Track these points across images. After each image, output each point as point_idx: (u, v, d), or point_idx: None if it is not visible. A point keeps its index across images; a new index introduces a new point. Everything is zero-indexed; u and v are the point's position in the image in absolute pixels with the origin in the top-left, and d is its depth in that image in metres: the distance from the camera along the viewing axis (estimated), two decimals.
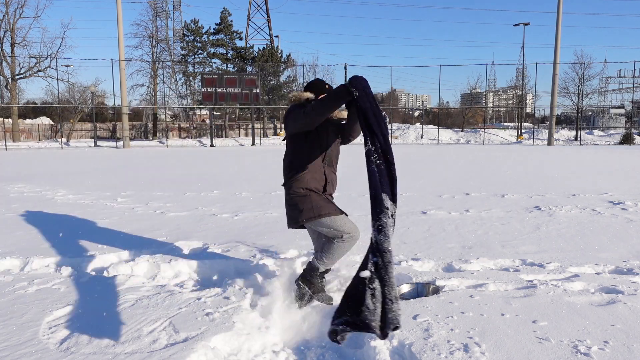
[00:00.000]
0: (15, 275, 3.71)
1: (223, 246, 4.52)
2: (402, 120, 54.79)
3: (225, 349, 2.51)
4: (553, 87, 32.21)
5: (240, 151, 24.79)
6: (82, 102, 40.69)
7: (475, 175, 11.11)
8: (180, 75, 43.74)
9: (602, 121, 44.60)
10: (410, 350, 2.38)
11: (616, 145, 31.51)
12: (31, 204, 7.31)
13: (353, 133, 3.03)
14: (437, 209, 6.56)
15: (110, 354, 2.39)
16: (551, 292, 3.18)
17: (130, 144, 31.21)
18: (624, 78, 44.79)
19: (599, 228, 5.28)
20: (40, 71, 35.60)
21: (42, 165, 15.65)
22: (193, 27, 43.37)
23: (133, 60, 38.53)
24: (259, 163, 15.80)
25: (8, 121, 36.45)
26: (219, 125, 43.62)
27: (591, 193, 7.99)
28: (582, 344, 2.43)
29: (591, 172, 11.92)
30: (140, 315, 2.89)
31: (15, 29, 34.95)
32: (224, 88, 30.70)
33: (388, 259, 2.10)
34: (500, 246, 4.51)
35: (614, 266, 3.82)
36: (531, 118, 54.94)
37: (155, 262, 3.97)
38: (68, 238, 4.92)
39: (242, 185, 9.48)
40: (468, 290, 3.26)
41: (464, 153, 21.56)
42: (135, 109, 44.74)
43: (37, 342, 2.52)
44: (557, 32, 31.16)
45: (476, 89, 54.71)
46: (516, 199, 7.45)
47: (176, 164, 15.46)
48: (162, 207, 6.90)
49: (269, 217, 6.05)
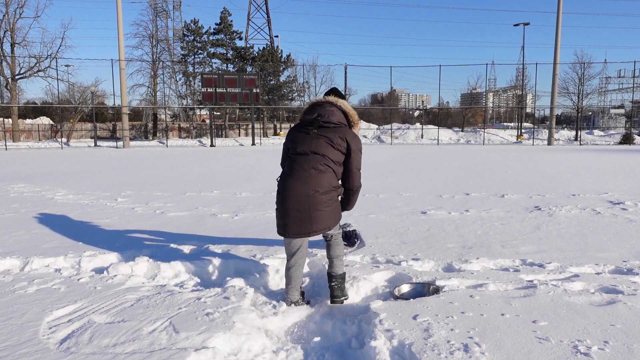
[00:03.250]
0: (15, 275, 3.71)
1: (223, 246, 4.52)
2: (402, 120, 54.80)
3: (225, 349, 2.51)
4: (553, 87, 32.23)
5: (240, 151, 24.79)
6: (82, 102, 40.70)
7: (475, 175, 11.11)
8: (180, 75, 43.78)
9: (602, 121, 44.64)
10: (410, 350, 2.38)
11: (616, 145, 31.51)
12: (31, 204, 7.31)
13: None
14: (437, 209, 6.56)
15: (110, 354, 2.39)
16: (551, 292, 3.18)
17: (130, 144, 31.23)
18: (624, 78, 44.84)
19: (599, 228, 5.28)
20: (40, 71, 35.65)
21: (42, 165, 15.65)
22: (193, 27, 43.37)
23: (133, 60, 38.59)
24: (259, 163, 15.80)
25: (8, 121, 36.47)
26: (219, 125, 43.63)
27: (591, 193, 7.99)
28: (582, 344, 2.43)
29: (591, 172, 11.92)
30: (140, 315, 2.89)
31: (15, 29, 35.00)
32: (224, 88, 30.72)
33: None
34: (500, 246, 4.51)
35: (614, 266, 3.82)
36: (531, 118, 54.98)
37: (155, 262, 3.97)
38: (68, 238, 4.92)
39: (242, 185, 9.48)
40: (468, 290, 3.26)
41: (464, 153, 21.56)
42: (135, 109, 44.76)
43: (37, 342, 2.52)
44: (557, 32, 31.17)
45: (476, 89, 54.72)
46: (516, 199, 7.45)
47: (176, 164, 15.46)
48: (162, 207, 6.90)
49: (269, 217, 6.05)
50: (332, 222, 3.10)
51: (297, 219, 3.00)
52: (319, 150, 3.00)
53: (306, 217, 2.99)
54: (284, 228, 3.08)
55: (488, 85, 48.55)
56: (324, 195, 3.01)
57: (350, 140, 3.05)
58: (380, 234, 5.08)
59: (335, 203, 3.12)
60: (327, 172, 3.02)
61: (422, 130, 38.95)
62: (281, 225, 3.10)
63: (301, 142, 3.05)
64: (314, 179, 2.98)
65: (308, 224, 3.00)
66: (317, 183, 2.99)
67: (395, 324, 2.69)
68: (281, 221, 3.09)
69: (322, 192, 3.00)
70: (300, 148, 3.04)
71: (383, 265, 3.90)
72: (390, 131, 38.31)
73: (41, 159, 18.70)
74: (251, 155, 20.34)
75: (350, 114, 3.14)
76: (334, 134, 3.02)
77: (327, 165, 3.01)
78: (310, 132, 3.04)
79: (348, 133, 3.07)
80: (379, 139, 37.15)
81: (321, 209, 3.00)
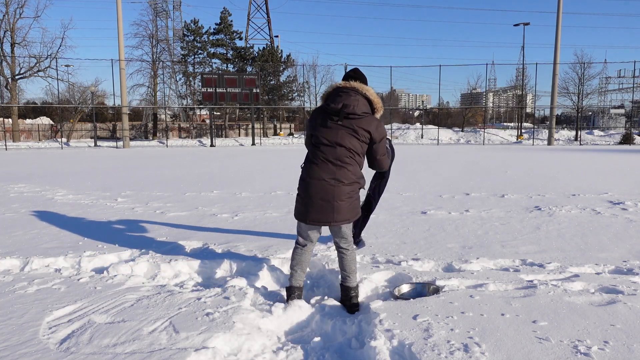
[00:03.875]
0: (15, 275, 3.71)
1: (223, 246, 4.52)
2: (402, 120, 54.80)
3: (225, 349, 2.51)
4: (553, 87, 32.23)
5: (240, 151, 24.79)
6: (82, 102, 40.71)
7: (475, 175, 11.11)
8: (180, 75, 43.78)
9: (602, 121, 44.62)
10: (410, 350, 2.38)
11: (616, 145, 31.51)
12: (31, 204, 7.31)
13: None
14: (437, 209, 6.56)
15: (110, 354, 2.39)
16: (551, 292, 3.18)
17: (130, 144, 31.23)
18: (624, 78, 44.81)
19: (599, 228, 5.28)
20: (40, 71, 35.65)
21: (42, 165, 15.65)
22: (193, 27, 43.38)
23: (133, 60, 38.59)
24: (259, 163, 15.80)
25: (8, 121, 36.47)
26: (219, 125, 43.64)
27: (591, 193, 7.99)
28: (582, 344, 2.43)
29: (591, 172, 11.92)
30: (140, 315, 2.89)
31: (15, 29, 35.01)
32: (224, 88, 30.73)
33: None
34: (500, 246, 4.51)
35: (614, 266, 3.82)
36: (531, 118, 54.97)
37: (155, 262, 3.97)
38: (68, 238, 4.92)
39: (242, 185, 9.48)
40: (468, 290, 3.26)
41: (464, 153, 21.56)
42: (135, 109, 44.76)
43: (37, 342, 2.52)
44: (557, 32, 31.17)
45: (476, 89, 54.69)
46: (516, 199, 7.45)
47: (176, 164, 15.46)
48: (162, 207, 6.90)
49: (269, 217, 6.05)
50: (352, 215, 3.13)
51: (320, 207, 3.03)
52: (345, 143, 3.02)
53: (329, 206, 3.02)
54: (305, 214, 3.10)
55: (488, 85, 48.54)
56: (348, 187, 3.05)
57: (374, 131, 3.06)
58: (380, 234, 5.08)
59: (356, 195, 3.16)
60: (353, 164, 3.06)
61: (422, 130, 38.96)
62: (302, 212, 3.11)
63: (326, 133, 3.04)
64: (340, 170, 3.02)
65: (330, 213, 3.03)
66: (342, 174, 3.02)
67: (395, 324, 2.69)
68: (303, 207, 3.10)
69: (347, 183, 3.04)
70: (326, 139, 3.04)
71: (383, 265, 3.90)
72: (390, 131, 38.31)
73: (41, 159, 18.70)
74: (251, 155, 20.34)
75: (374, 102, 3.12)
76: (358, 126, 3.02)
77: (352, 157, 3.05)
78: (335, 123, 3.03)
79: (372, 123, 3.06)
80: None
81: (344, 199, 3.04)
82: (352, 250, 3.23)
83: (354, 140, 3.03)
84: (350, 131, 3.02)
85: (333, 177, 3.01)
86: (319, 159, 3.04)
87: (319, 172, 3.03)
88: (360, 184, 3.15)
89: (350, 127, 3.01)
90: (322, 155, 3.04)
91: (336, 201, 3.02)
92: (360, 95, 3.07)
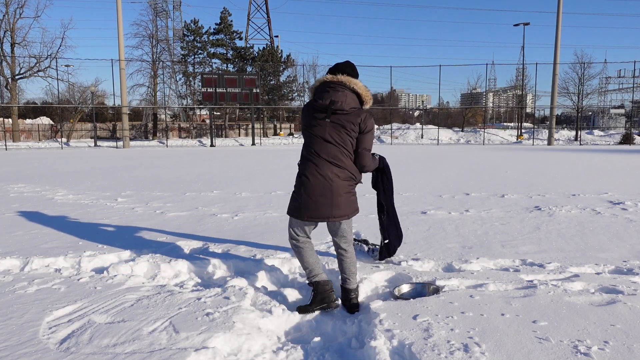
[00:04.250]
0: (15, 275, 3.71)
1: (223, 246, 4.52)
2: (402, 120, 54.80)
3: (225, 349, 2.51)
4: (553, 87, 32.22)
5: (240, 151, 24.79)
6: (82, 102, 40.71)
7: (475, 175, 11.11)
8: (180, 75, 43.79)
9: (602, 121, 44.63)
10: (410, 350, 2.38)
11: (616, 145, 31.51)
12: (31, 204, 7.31)
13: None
14: (437, 209, 6.56)
15: (110, 354, 2.39)
16: (551, 292, 3.18)
17: (130, 144, 31.22)
18: (624, 78, 44.80)
19: (599, 228, 5.28)
20: (40, 71, 35.64)
21: (42, 165, 15.64)
22: (193, 27, 43.38)
23: (133, 60, 38.57)
24: (259, 163, 15.80)
25: (8, 121, 36.46)
26: (219, 125, 43.64)
27: (591, 193, 7.99)
28: (582, 344, 2.43)
29: (591, 172, 11.92)
30: (140, 315, 2.89)
31: (15, 29, 35.00)
32: (224, 88, 30.72)
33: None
34: (500, 246, 4.51)
35: (614, 266, 3.82)
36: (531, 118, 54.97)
37: (155, 262, 3.97)
38: (68, 238, 4.92)
39: (242, 185, 9.48)
40: (468, 290, 3.26)
41: (464, 153, 21.56)
42: (135, 109, 44.76)
43: (37, 342, 2.52)
44: (557, 32, 31.16)
45: (476, 89, 54.69)
46: (516, 199, 7.45)
47: (176, 164, 15.46)
48: (162, 207, 6.90)
49: (269, 217, 6.05)
50: (350, 211, 3.11)
51: (318, 204, 3.02)
52: (336, 140, 3.01)
53: (328, 202, 3.01)
54: (302, 211, 3.07)
55: (488, 85, 48.54)
56: (345, 182, 3.05)
57: (363, 124, 3.02)
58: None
59: (353, 191, 3.15)
60: (346, 159, 3.05)
61: (422, 130, 38.95)
62: (298, 208, 3.09)
63: (317, 130, 3.03)
64: (334, 166, 3.02)
65: (329, 209, 3.02)
66: (337, 170, 3.02)
67: (395, 324, 2.69)
68: (299, 204, 3.08)
69: (343, 177, 3.04)
70: (317, 136, 3.03)
71: (383, 265, 3.91)
72: (390, 131, 38.32)
73: (41, 159, 18.70)
74: (251, 155, 20.34)
75: (363, 95, 3.08)
76: (347, 121, 3.00)
77: (344, 153, 3.04)
78: (324, 120, 3.01)
79: (360, 116, 3.02)
80: (379, 139, 37.11)
81: (342, 194, 3.04)
82: (352, 251, 3.22)
83: (344, 135, 3.01)
84: (340, 127, 3.00)
85: (329, 173, 3.00)
86: (313, 156, 3.04)
87: (315, 168, 3.02)
88: (355, 179, 3.14)
89: (338, 122, 2.99)
90: (315, 151, 3.03)
91: (334, 197, 3.01)
92: (348, 89, 3.02)
